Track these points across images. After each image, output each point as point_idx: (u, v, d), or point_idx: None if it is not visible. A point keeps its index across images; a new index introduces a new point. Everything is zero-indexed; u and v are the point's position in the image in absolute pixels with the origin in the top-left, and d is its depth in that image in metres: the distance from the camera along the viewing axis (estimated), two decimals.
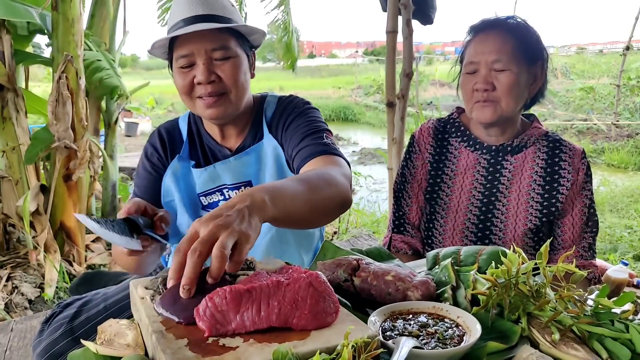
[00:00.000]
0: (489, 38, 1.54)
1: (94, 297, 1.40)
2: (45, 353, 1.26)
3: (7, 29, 3.59)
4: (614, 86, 9.91)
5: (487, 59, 1.52)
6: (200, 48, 1.36)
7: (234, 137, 1.53)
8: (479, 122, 1.60)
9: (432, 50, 26.63)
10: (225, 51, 1.37)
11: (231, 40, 1.39)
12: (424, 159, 1.73)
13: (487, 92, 1.52)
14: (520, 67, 1.52)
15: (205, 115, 1.43)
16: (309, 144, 1.37)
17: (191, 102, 1.43)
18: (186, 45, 1.37)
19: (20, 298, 3.24)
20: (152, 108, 15.64)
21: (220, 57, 1.37)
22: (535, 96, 1.63)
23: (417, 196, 1.74)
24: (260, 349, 0.76)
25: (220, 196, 1.50)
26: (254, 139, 1.52)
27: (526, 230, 1.60)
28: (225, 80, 1.38)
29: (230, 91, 1.40)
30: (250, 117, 1.53)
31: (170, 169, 1.52)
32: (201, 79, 1.36)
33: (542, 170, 1.62)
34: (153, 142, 1.57)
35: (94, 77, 3.98)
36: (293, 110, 1.49)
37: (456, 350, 0.80)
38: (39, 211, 3.55)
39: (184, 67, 1.38)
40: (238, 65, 1.40)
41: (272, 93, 1.61)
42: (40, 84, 11.67)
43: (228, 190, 1.49)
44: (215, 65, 1.38)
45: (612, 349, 0.83)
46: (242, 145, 1.52)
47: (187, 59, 1.37)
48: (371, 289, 1.02)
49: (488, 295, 0.92)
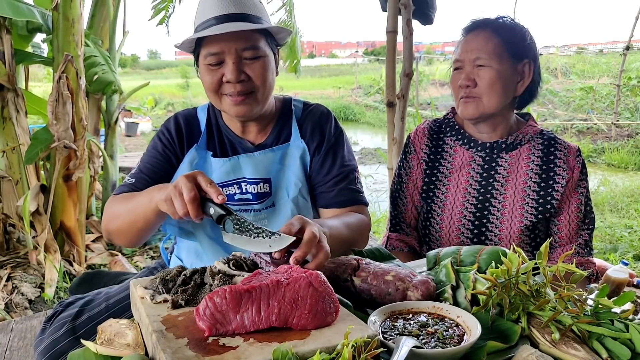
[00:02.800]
0: (474, 37, 1.60)
1: (96, 297, 1.40)
2: (47, 352, 1.26)
3: (7, 28, 3.59)
4: (614, 86, 9.91)
5: (470, 57, 1.58)
6: (231, 47, 1.36)
7: (254, 133, 1.53)
8: (463, 118, 1.64)
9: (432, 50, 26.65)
10: (255, 51, 1.38)
11: (261, 40, 1.40)
12: (419, 158, 1.75)
13: (469, 88, 1.58)
14: (503, 64, 1.56)
15: (231, 112, 1.43)
16: (344, 187, 1.50)
17: (217, 99, 1.43)
18: (217, 44, 1.36)
19: (20, 298, 3.24)
20: (152, 108, 15.64)
21: (250, 56, 1.38)
22: (524, 95, 1.64)
23: (413, 195, 1.77)
24: (260, 349, 0.76)
25: (237, 189, 1.49)
26: (278, 138, 1.53)
27: (522, 227, 1.60)
28: (254, 80, 1.39)
29: (258, 90, 1.41)
30: (274, 116, 1.54)
31: (188, 158, 1.50)
32: (231, 78, 1.36)
33: (537, 167, 1.63)
34: (168, 127, 1.55)
35: (88, 72, 3.96)
36: (331, 128, 1.55)
37: (456, 350, 0.80)
38: (39, 211, 3.55)
39: (213, 65, 1.38)
40: (267, 64, 1.40)
41: (295, 97, 1.65)
42: (40, 84, 11.67)
43: (247, 184, 1.48)
44: (244, 64, 1.38)
45: (612, 349, 0.83)
46: (265, 142, 1.53)
47: (217, 57, 1.37)
48: (371, 288, 1.03)
49: (488, 295, 0.92)
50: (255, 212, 1.47)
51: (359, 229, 1.44)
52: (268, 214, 1.48)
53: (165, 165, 1.51)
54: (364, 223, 1.48)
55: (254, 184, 1.48)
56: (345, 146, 1.57)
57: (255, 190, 1.47)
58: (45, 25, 3.74)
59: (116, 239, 1.42)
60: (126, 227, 1.34)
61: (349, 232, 1.36)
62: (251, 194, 1.47)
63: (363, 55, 45.36)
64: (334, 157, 1.53)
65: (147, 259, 4.02)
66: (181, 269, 1.01)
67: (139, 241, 1.40)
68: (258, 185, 1.48)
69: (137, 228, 1.32)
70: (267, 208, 1.48)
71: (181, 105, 15.31)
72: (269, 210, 1.48)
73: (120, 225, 1.36)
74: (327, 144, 1.53)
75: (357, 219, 1.45)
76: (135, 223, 1.31)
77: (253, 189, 1.47)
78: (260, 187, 1.48)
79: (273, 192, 1.48)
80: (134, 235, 1.36)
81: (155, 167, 1.50)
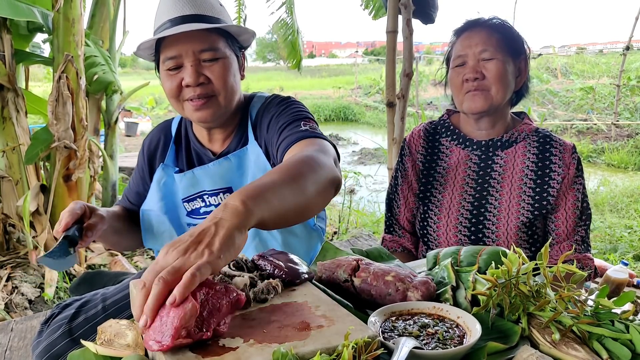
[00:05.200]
0: (474, 33, 1.61)
1: (93, 298, 1.39)
2: (45, 354, 1.25)
3: (7, 28, 3.59)
4: (614, 86, 9.91)
5: (474, 51, 1.58)
6: (188, 49, 1.31)
7: (220, 141, 1.49)
8: (470, 112, 1.63)
9: (432, 50, 26.65)
10: (214, 52, 1.33)
11: (220, 41, 1.35)
12: (415, 160, 1.76)
13: (477, 80, 1.58)
14: (507, 58, 1.58)
15: (193, 118, 1.39)
16: (287, 135, 1.27)
17: (179, 105, 1.39)
18: (173, 47, 1.32)
19: (20, 298, 3.24)
20: (152, 108, 15.63)
21: (209, 58, 1.33)
22: (520, 90, 1.68)
23: (407, 198, 1.78)
24: (260, 349, 0.76)
25: (201, 202, 1.47)
26: (238, 143, 1.47)
27: (519, 224, 1.61)
28: (214, 82, 1.34)
29: (219, 93, 1.36)
30: (237, 120, 1.49)
31: (156, 177, 1.51)
32: (189, 81, 1.32)
33: (533, 165, 1.64)
34: (145, 141, 1.59)
35: (88, 72, 3.97)
36: (272, 109, 1.42)
37: (456, 351, 0.80)
38: (39, 211, 3.55)
39: (172, 70, 1.34)
40: (227, 66, 1.36)
41: (261, 93, 1.55)
42: (41, 84, 11.66)
43: (208, 196, 1.45)
44: (203, 67, 1.33)
45: (612, 349, 0.83)
46: (226, 149, 1.48)
47: (175, 60, 1.33)
48: (371, 289, 1.03)
49: (488, 295, 0.92)
50: None
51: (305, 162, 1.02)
52: None
53: (147, 179, 1.56)
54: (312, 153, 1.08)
55: (213, 196, 1.45)
56: (294, 106, 1.39)
57: (217, 201, 1.44)
58: (45, 25, 3.74)
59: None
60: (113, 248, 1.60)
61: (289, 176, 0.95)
62: (214, 206, 1.44)
63: (363, 55, 45.36)
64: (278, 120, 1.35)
65: (147, 259, 4.02)
66: None
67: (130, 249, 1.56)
68: (218, 196, 1.45)
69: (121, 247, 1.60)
70: None
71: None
72: None
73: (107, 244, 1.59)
74: (272, 113, 1.40)
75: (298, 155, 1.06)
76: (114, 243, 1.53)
77: (214, 201, 1.45)
78: (221, 197, 1.44)
79: None
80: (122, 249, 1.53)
81: (139, 182, 1.59)
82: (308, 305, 0.91)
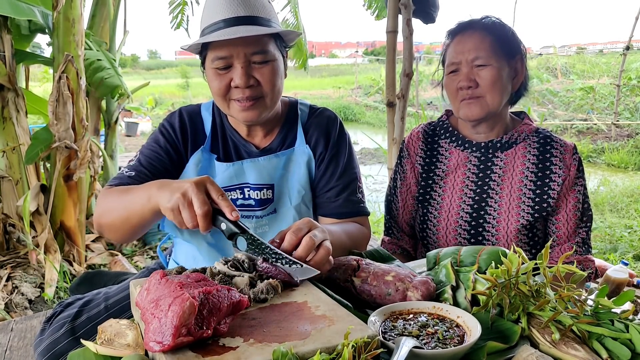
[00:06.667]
0: (466, 38, 1.59)
1: (95, 297, 1.39)
2: (47, 352, 1.26)
3: (8, 28, 3.59)
4: (614, 86, 9.91)
5: (467, 58, 1.56)
6: (240, 52, 1.31)
7: (260, 137, 1.50)
8: (467, 119, 1.62)
9: (432, 50, 26.61)
10: (265, 55, 1.34)
11: (270, 43, 1.36)
12: (413, 162, 1.75)
13: (471, 89, 1.56)
14: (501, 62, 1.56)
15: (239, 117, 1.39)
16: (345, 199, 1.49)
17: (225, 104, 1.39)
18: (225, 48, 1.32)
19: (20, 298, 3.24)
20: (152, 108, 15.63)
21: (260, 60, 1.34)
22: (519, 90, 1.66)
23: (406, 200, 1.77)
24: (260, 349, 0.76)
25: (240, 194, 1.46)
26: (283, 143, 1.50)
27: (519, 226, 1.60)
28: (264, 85, 1.35)
29: (266, 95, 1.37)
30: (280, 119, 1.51)
31: (193, 160, 1.46)
32: (239, 83, 1.32)
33: (533, 166, 1.63)
34: (172, 122, 1.50)
35: (95, 76, 3.98)
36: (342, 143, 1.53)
37: (456, 350, 0.80)
38: (39, 211, 3.55)
39: (221, 69, 1.34)
40: (276, 69, 1.37)
41: (302, 100, 1.60)
42: (41, 84, 11.66)
43: (249, 189, 1.45)
44: (253, 69, 1.34)
45: (612, 349, 0.83)
46: (269, 146, 1.49)
47: (225, 61, 1.33)
48: (371, 289, 1.03)
49: (488, 295, 0.92)
50: (257, 218, 1.45)
51: (359, 238, 1.45)
52: (269, 221, 1.46)
53: (166, 161, 1.45)
54: (363, 233, 1.49)
55: (257, 190, 1.45)
56: (350, 154, 1.55)
57: (258, 196, 1.45)
58: (45, 25, 3.75)
59: (107, 234, 1.34)
60: (119, 222, 1.26)
61: (349, 241, 1.36)
62: (254, 200, 1.45)
63: (363, 55, 45.33)
64: (337, 165, 1.51)
65: (147, 259, 4.02)
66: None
67: (131, 238, 1.33)
68: (261, 191, 1.45)
69: (131, 225, 1.24)
70: (268, 214, 1.46)
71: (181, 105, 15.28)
72: (271, 217, 1.46)
73: (114, 219, 1.27)
74: (331, 150, 1.51)
75: (357, 229, 1.46)
76: (129, 219, 1.23)
77: (256, 195, 1.45)
78: (263, 193, 1.45)
79: (275, 199, 1.46)
80: (127, 231, 1.28)
81: (155, 162, 1.44)
82: (308, 305, 0.91)
